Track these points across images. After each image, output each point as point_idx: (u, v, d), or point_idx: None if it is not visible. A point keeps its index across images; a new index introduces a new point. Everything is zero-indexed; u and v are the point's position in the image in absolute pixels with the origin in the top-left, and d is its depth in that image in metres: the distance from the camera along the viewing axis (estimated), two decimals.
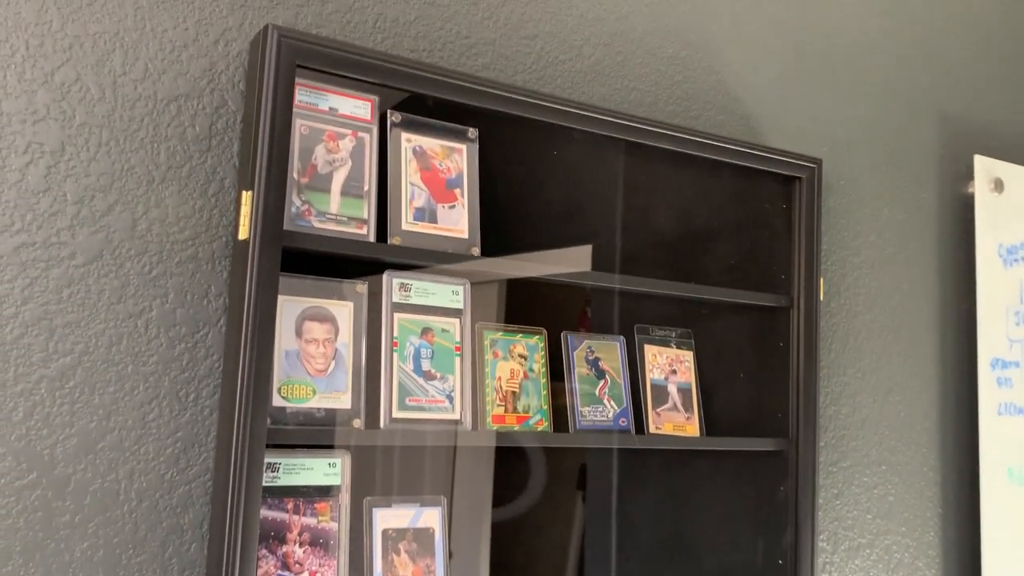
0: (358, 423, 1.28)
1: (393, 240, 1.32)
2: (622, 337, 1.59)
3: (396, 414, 1.32)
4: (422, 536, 1.36)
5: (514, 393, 1.44)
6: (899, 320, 2.00)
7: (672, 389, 1.61)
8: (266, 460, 1.23)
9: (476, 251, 1.39)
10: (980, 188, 2.10)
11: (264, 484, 1.22)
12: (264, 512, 1.22)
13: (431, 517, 1.37)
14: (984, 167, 2.12)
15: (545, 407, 1.47)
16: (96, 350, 1.17)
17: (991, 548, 2.00)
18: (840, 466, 1.88)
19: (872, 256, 1.97)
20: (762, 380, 1.72)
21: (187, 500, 1.22)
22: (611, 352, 1.56)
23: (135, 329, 1.20)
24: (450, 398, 1.37)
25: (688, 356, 1.65)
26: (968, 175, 2.12)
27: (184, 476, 1.22)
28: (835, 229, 1.92)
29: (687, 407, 1.62)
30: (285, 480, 1.25)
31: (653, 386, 1.58)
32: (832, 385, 1.88)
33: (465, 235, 1.39)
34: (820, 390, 1.84)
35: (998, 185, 2.13)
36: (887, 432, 1.95)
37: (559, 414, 1.48)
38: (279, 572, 1.23)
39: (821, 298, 1.71)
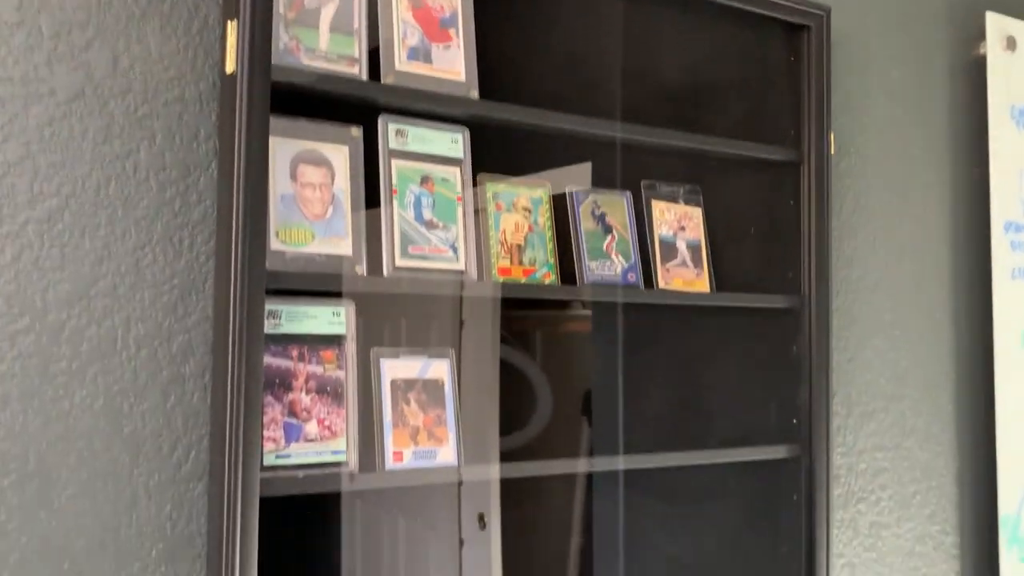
0: (360, 269, 1.24)
1: (387, 79, 1.27)
2: (629, 192, 1.54)
3: (399, 262, 1.28)
4: (431, 387, 1.33)
5: (519, 246, 1.40)
6: (909, 183, 1.95)
7: (681, 245, 1.57)
8: (268, 307, 1.19)
9: (474, 94, 1.33)
10: (992, 47, 2.03)
11: (267, 332, 1.18)
12: (268, 359, 1.19)
13: (440, 368, 1.34)
14: (996, 25, 2.04)
15: (552, 260, 1.43)
16: (84, 192, 1.13)
17: (1005, 411, 1.98)
18: (852, 330, 1.85)
19: (881, 117, 1.91)
20: (772, 238, 1.68)
21: (187, 349, 1.19)
22: (617, 207, 1.52)
23: (123, 171, 1.15)
24: (454, 248, 1.33)
25: (697, 213, 1.61)
26: (980, 34, 2.04)
27: (183, 324, 1.18)
28: (843, 89, 1.86)
29: (696, 263, 1.58)
30: (288, 328, 1.22)
31: (662, 242, 1.54)
32: (843, 248, 1.84)
33: (462, 77, 1.33)
34: (832, 247, 1.80)
35: (1011, 43, 2.06)
36: (899, 296, 1.92)
37: (566, 269, 1.44)
38: (286, 419, 1.20)
39: (832, 152, 1.66)
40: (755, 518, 1.67)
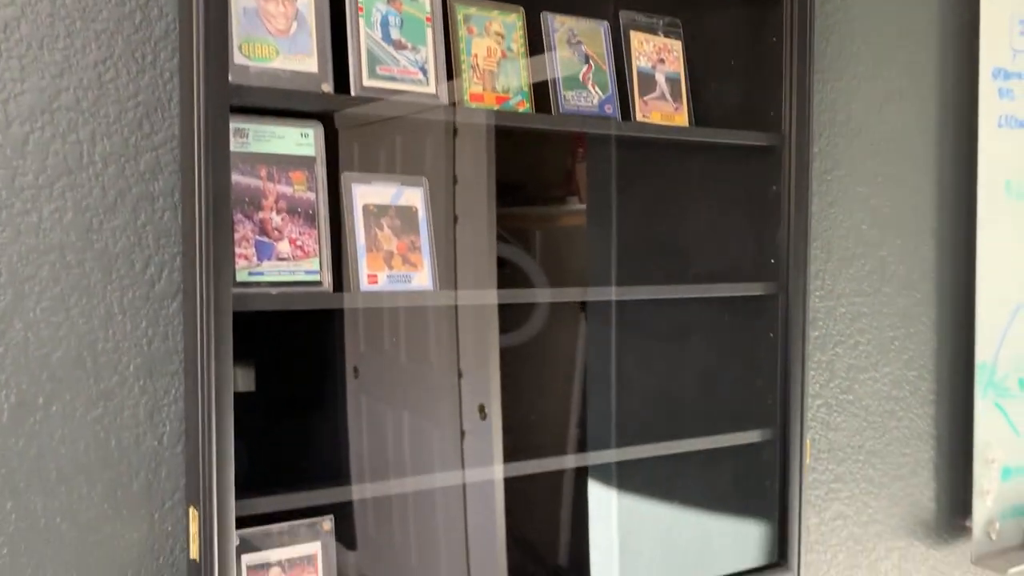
0: (327, 87, 1.23)
1: None
2: (606, 22, 1.51)
3: (367, 82, 1.26)
4: (405, 213, 1.33)
5: (492, 72, 1.38)
6: (897, 26, 1.91)
7: (660, 78, 1.54)
8: (235, 125, 1.18)
9: None
10: None
11: (234, 150, 1.18)
12: (237, 178, 1.19)
13: (413, 196, 1.34)
14: None
15: (526, 89, 1.41)
16: (39, 2, 1.10)
17: (985, 260, 1.99)
18: (834, 174, 1.84)
19: None
20: (754, 76, 1.65)
21: (155, 167, 1.18)
22: (595, 36, 1.49)
23: None
24: (424, 71, 1.31)
25: (677, 46, 1.58)
26: None
27: (149, 142, 1.18)
28: None
29: (675, 97, 1.55)
30: (256, 147, 1.21)
31: (640, 74, 1.52)
32: (827, 91, 1.82)
33: None
34: (815, 89, 1.78)
35: None
36: (883, 143, 1.90)
37: (541, 99, 1.42)
38: (257, 237, 1.20)
39: None
40: (733, 354, 1.70)
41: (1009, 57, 2.03)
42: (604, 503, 1.66)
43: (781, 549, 1.67)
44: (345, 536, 1.39)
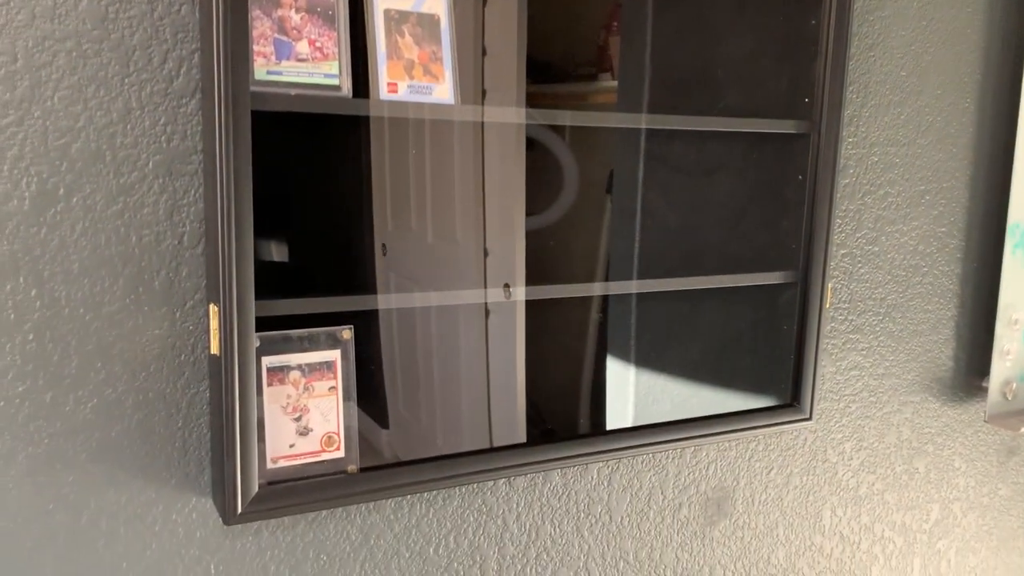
0: None
1: None
2: None
3: None
4: (427, 21, 1.29)
5: None
6: None
7: None
8: None
9: None
10: None
11: None
12: None
13: (436, 3, 1.29)
14: None
15: None
16: None
17: None
18: (877, 15, 1.76)
19: None
20: None
21: None
22: None
23: None
24: None
25: None
26: None
27: None
28: None
29: None
30: None
31: None
32: None
33: None
34: None
35: None
36: None
37: None
38: (276, 35, 1.17)
39: None
40: (760, 193, 1.67)
41: None
42: (622, 341, 1.67)
43: (795, 392, 1.69)
44: (378, 415, 1.44)
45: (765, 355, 1.71)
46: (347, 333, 1.30)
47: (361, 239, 1.46)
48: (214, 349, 1.17)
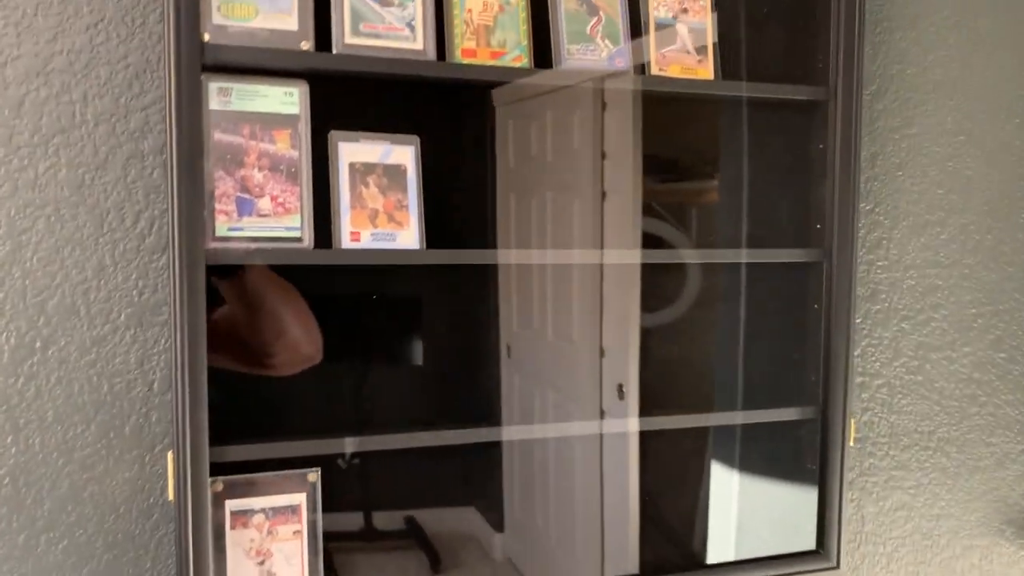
0: (306, 45, 1.24)
1: None
2: None
3: (349, 39, 1.26)
4: (393, 172, 1.32)
5: (487, 27, 1.34)
6: None
7: (682, 29, 1.45)
8: (219, 84, 1.22)
9: None
10: None
11: (216, 108, 1.21)
12: (219, 136, 1.22)
13: (403, 154, 1.33)
14: None
15: (524, 43, 1.36)
16: None
17: None
18: (904, 133, 1.67)
19: None
20: (798, 26, 1.53)
21: (144, 126, 1.24)
22: None
23: None
24: (411, 27, 1.29)
25: None
26: None
27: (139, 102, 1.23)
28: None
29: (700, 50, 1.46)
30: (239, 105, 1.24)
31: (658, 24, 1.43)
32: (895, 40, 1.65)
33: None
34: (874, 41, 1.62)
35: None
36: (969, 98, 1.71)
37: (542, 53, 1.37)
38: (239, 194, 1.24)
39: None
40: (780, 323, 1.59)
41: None
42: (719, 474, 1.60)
43: (820, 537, 1.56)
44: (493, 519, 1.50)
45: (791, 496, 1.59)
46: (312, 476, 1.31)
47: (488, 340, 1.53)
48: (170, 495, 1.20)
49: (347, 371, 1.44)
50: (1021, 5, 1.72)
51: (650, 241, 1.54)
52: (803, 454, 1.57)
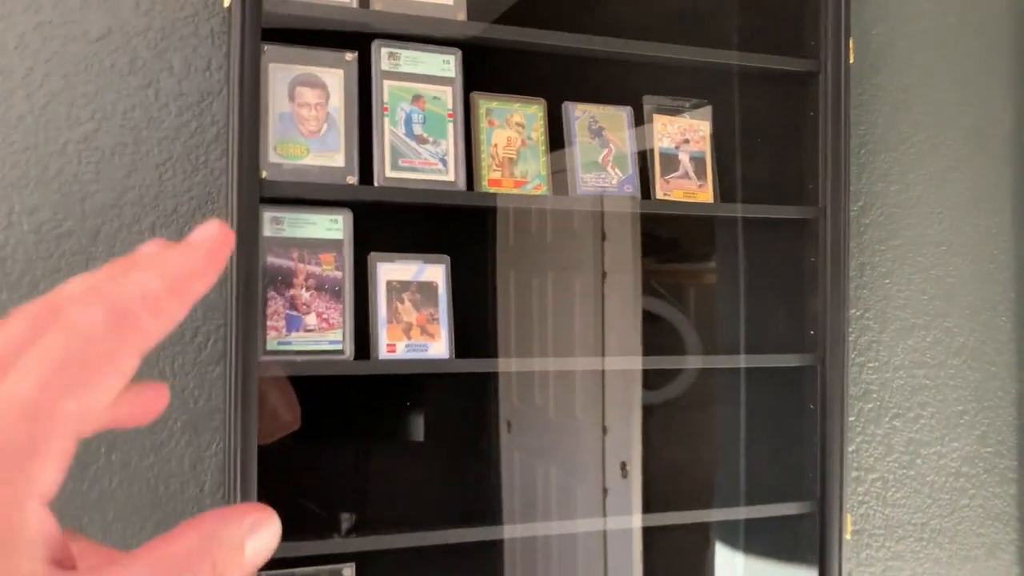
0: (352, 179, 1.39)
1: (375, 6, 1.39)
2: (629, 107, 1.59)
3: (389, 173, 1.41)
4: (426, 289, 1.46)
5: (511, 159, 1.50)
6: (962, 94, 1.87)
7: (683, 158, 1.61)
8: (272, 214, 1.36)
9: (462, 16, 1.43)
10: None
11: (270, 235, 1.36)
12: (271, 259, 1.36)
13: (435, 272, 1.47)
14: None
15: (544, 172, 1.51)
16: (113, 116, 1.33)
17: None
18: (889, 244, 1.82)
19: (926, 24, 1.85)
20: (789, 152, 1.69)
21: None
22: (616, 122, 1.58)
23: (146, 99, 1.35)
24: (443, 161, 1.45)
25: (704, 126, 1.64)
26: None
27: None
28: None
29: (700, 176, 1.61)
30: (290, 232, 1.38)
31: (662, 154, 1.59)
32: (879, 161, 1.81)
33: (450, 1, 1.44)
34: (859, 162, 1.78)
35: None
36: (946, 212, 1.86)
37: (560, 182, 1.53)
38: (288, 311, 1.37)
39: (851, 60, 1.64)
40: (775, 425, 1.70)
41: None
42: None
43: None
44: None
45: None
46: (348, 571, 1.41)
47: (487, 416, 1.63)
48: None
49: (349, 448, 1.56)
50: (989, 130, 1.89)
51: (650, 319, 1.67)
52: (803, 547, 1.67)
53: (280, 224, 1.38)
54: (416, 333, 1.44)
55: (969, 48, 1.88)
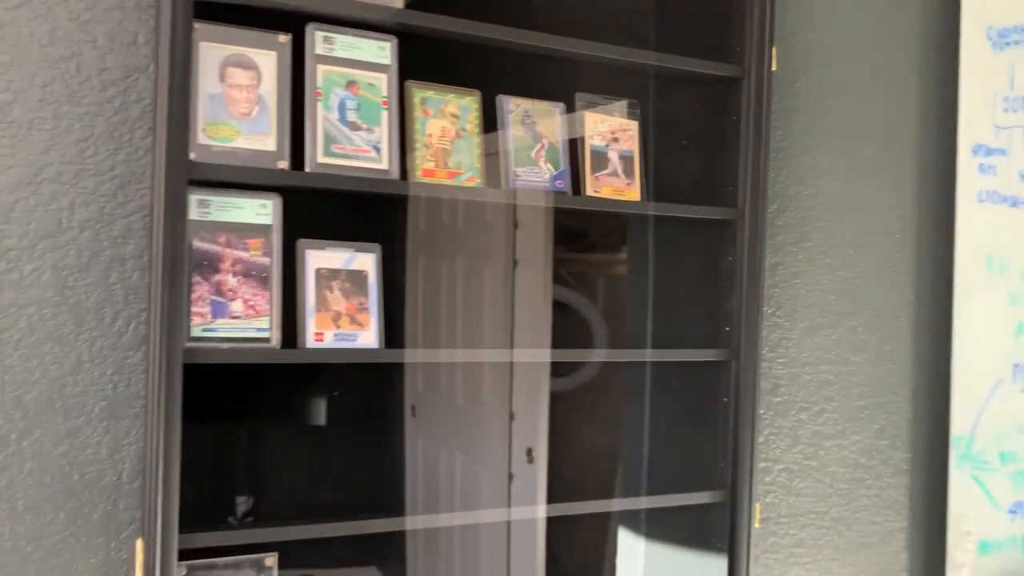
0: (283, 164, 1.36)
1: None
2: (562, 104, 1.61)
3: (321, 159, 1.39)
4: (356, 277, 1.45)
5: (445, 150, 1.50)
6: (873, 104, 1.96)
7: (613, 156, 1.64)
8: (199, 197, 1.33)
9: (399, 3, 1.42)
10: None
11: (196, 219, 1.32)
12: (197, 243, 1.33)
13: (365, 261, 1.46)
14: None
15: (478, 165, 1.52)
16: (31, 88, 1.27)
17: (963, 333, 2.01)
18: (801, 246, 1.90)
19: (845, 37, 1.93)
20: (712, 154, 1.74)
21: (127, 232, 1.33)
22: (549, 117, 1.60)
23: (67, 71, 1.29)
24: (377, 149, 1.44)
25: (633, 125, 1.67)
26: None
27: (123, 210, 1.33)
28: (804, 8, 1.88)
29: (628, 174, 1.65)
30: (217, 216, 1.35)
31: (593, 152, 1.62)
32: (794, 165, 1.88)
33: None
34: (775, 165, 1.85)
35: None
36: (856, 215, 1.95)
37: (492, 175, 1.54)
38: (213, 297, 1.34)
39: (773, 68, 1.70)
40: (691, 416, 1.76)
41: (991, 134, 2.06)
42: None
43: None
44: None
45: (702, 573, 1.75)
46: (269, 560, 1.40)
47: (392, 400, 1.61)
48: None
49: (244, 431, 1.54)
50: (897, 139, 1.99)
51: (559, 308, 1.71)
52: (712, 535, 1.73)
53: (207, 208, 1.34)
54: (345, 323, 1.43)
55: (881, 60, 1.97)
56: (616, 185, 1.63)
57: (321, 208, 1.48)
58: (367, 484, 1.65)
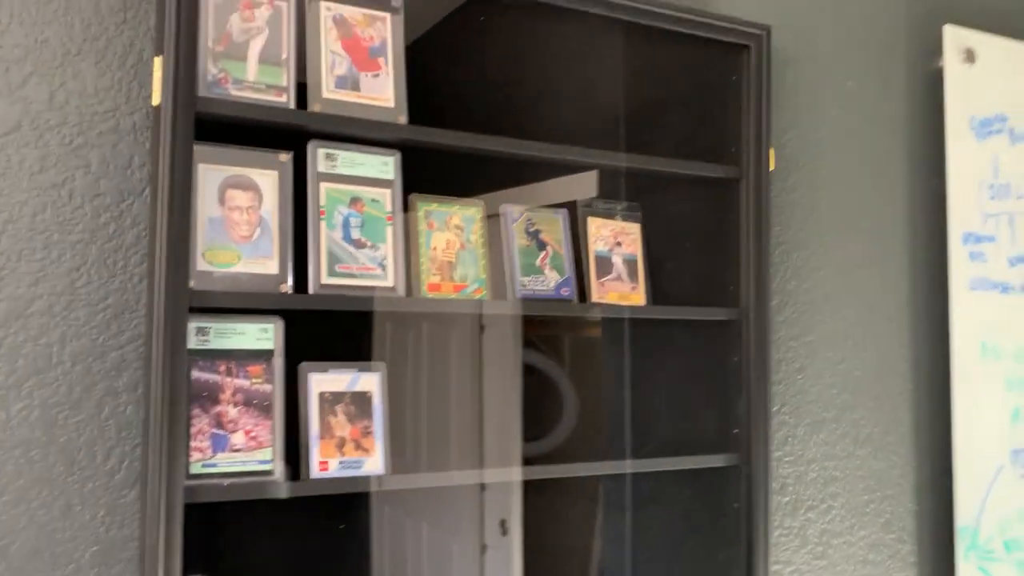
0: (285, 287, 1.31)
1: (314, 107, 1.33)
2: (564, 210, 1.59)
3: (325, 280, 1.34)
4: (360, 399, 1.39)
5: (450, 263, 1.46)
6: (866, 196, 1.97)
7: (617, 260, 1.61)
8: (197, 324, 1.26)
9: (403, 119, 1.39)
10: (950, 59, 2.05)
11: (195, 348, 1.26)
12: (196, 374, 1.26)
13: (369, 381, 1.40)
14: (954, 37, 2.06)
15: (483, 276, 1.48)
16: (20, 218, 1.21)
17: (962, 422, 1.99)
18: (802, 340, 1.88)
19: (835, 131, 1.94)
20: (713, 253, 1.72)
21: (120, 364, 1.26)
22: (552, 225, 1.57)
23: (59, 198, 1.23)
24: (382, 266, 1.39)
25: (635, 228, 1.65)
26: (938, 48, 2.06)
27: (116, 341, 1.26)
28: (795, 104, 1.89)
29: (632, 278, 1.62)
30: (217, 343, 1.29)
31: (597, 257, 1.59)
32: (792, 260, 1.87)
33: (391, 104, 1.39)
34: (773, 261, 1.84)
35: (969, 56, 2.07)
36: (853, 308, 1.94)
37: (498, 285, 1.50)
38: (213, 430, 1.27)
39: (771, 168, 1.69)
40: (696, 525, 1.71)
41: (980, 221, 2.08)
42: None
43: None
44: None
45: None
46: None
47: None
48: None
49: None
50: (887, 229, 1.99)
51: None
52: None
53: (206, 335, 1.28)
54: (350, 449, 1.36)
55: (871, 153, 1.98)
56: (621, 290, 1.60)
57: (322, 328, 1.43)
58: (333, 555, 1.56)
